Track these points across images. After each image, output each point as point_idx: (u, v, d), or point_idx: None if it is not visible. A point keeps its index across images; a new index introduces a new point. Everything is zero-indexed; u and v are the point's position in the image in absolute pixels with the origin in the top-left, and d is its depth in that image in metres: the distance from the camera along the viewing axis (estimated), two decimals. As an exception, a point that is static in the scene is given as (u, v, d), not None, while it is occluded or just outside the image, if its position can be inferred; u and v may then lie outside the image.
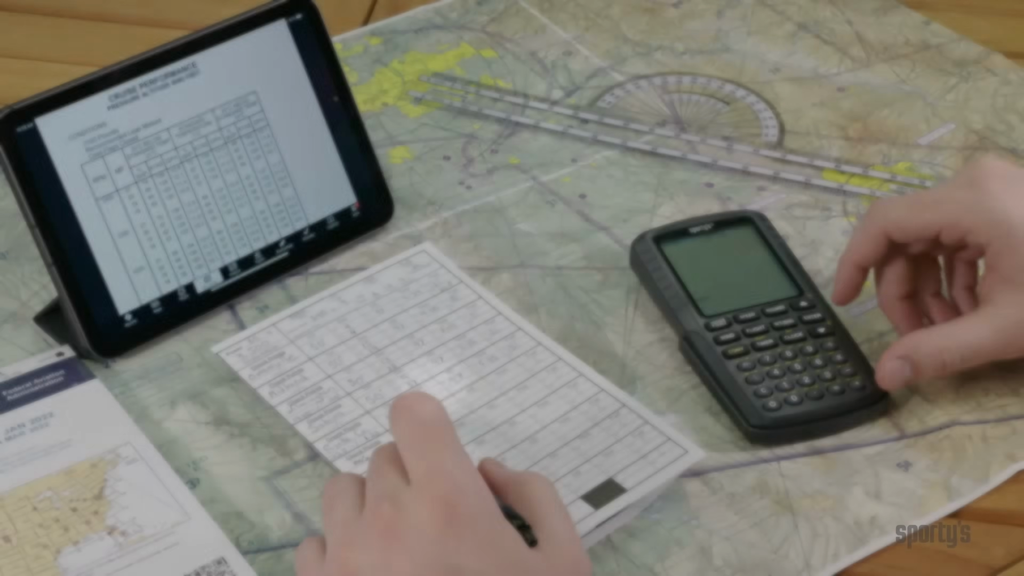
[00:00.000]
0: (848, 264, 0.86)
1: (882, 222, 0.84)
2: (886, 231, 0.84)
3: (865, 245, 0.85)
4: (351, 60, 1.11)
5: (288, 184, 0.93)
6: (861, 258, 0.85)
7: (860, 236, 0.85)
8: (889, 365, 0.82)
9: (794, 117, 1.05)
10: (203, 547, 0.77)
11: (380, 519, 0.67)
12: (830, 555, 0.78)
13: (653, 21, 1.15)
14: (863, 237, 0.85)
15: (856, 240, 0.85)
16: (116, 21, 1.16)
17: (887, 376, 0.83)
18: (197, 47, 0.90)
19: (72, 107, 0.87)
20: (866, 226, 0.85)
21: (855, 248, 0.85)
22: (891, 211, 0.84)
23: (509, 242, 0.96)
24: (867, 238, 0.85)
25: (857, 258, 0.85)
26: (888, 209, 0.84)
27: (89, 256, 0.87)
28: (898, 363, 0.82)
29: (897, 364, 0.82)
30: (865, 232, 0.85)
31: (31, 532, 0.78)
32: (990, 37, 1.12)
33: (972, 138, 1.03)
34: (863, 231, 0.85)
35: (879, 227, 0.84)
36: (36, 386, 0.86)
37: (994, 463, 0.82)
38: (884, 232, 0.84)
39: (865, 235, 0.85)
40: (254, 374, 0.86)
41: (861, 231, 0.85)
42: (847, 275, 0.86)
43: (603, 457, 0.80)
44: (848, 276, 0.86)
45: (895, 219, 0.84)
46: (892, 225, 0.84)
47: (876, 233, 0.84)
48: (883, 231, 0.84)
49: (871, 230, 0.84)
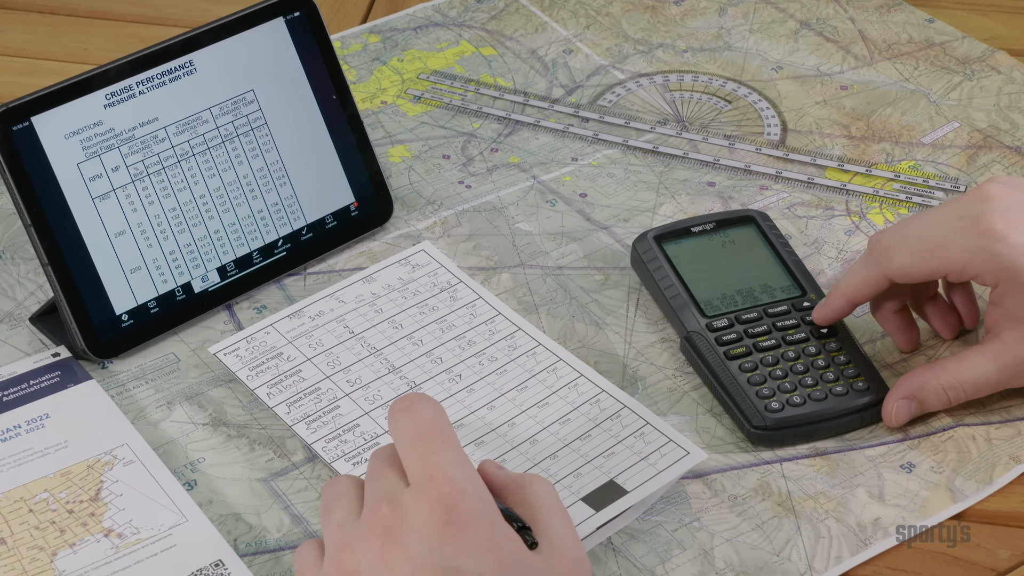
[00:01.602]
0: (843, 297, 0.84)
1: (886, 269, 0.83)
2: (889, 277, 0.83)
3: (866, 287, 0.84)
4: (350, 58, 1.11)
5: (286, 183, 0.93)
6: (859, 297, 0.84)
7: (861, 277, 0.84)
8: (896, 405, 0.82)
9: (796, 116, 1.05)
10: (201, 549, 0.77)
11: (379, 521, 0.67)
12: (833, 557, 0.77)
13: (654, 19, 1.14)
14: (864, 280, 0.84)
15: (856, 280, 0.84)
16: (113, 19, 1.16)
17: (893, 415, 0.82)
18: (194, 45, 0.90)
19: (68, 105, 0.86)
20: (867, 268, 0.83)
21: (854, 287, 0.84)
22: (895, 257, 0.82)
23: (509, 242, 0.96)
24: (868, 282, 0.83)
25: (855, 296, 0.84)
26: (892, 254, 0.82)
27: (85, 256, 0.87)
28: (904, 403, 0.82)
29: (903, 404, 0.82)
30: (867, 275, 0.83)
31: (27, 534, 0.78)
32: (994, 35, 1.12)
33: (976, 137, 1.03)
34: (864, 273, 0.83)
35: (882, 273, 0.83)
36: (32, 387, 0.86)
37: (998, 465, 0.82)
38: (887, 278, 0.83)
39: (867, 278, 0.83)
40: (252, 375, 0.86)
41: (863, 272, 0.84)
42: (839, 307, 0.85)
43: (604, 458, 0.80)
44: (839, 308, 0.85)
45: (900, 267, 0.82)
46: (897, 272, 0.82)
47: (879, 278, 0.83)
48: (886, 277, 0.83)
49: (874, 275, 0.83)
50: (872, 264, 0.83)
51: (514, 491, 0.71)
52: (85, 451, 0.82)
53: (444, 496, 0.66)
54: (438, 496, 0.66)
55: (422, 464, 0.68)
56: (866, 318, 0.90)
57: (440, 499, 0.66)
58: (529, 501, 0.71)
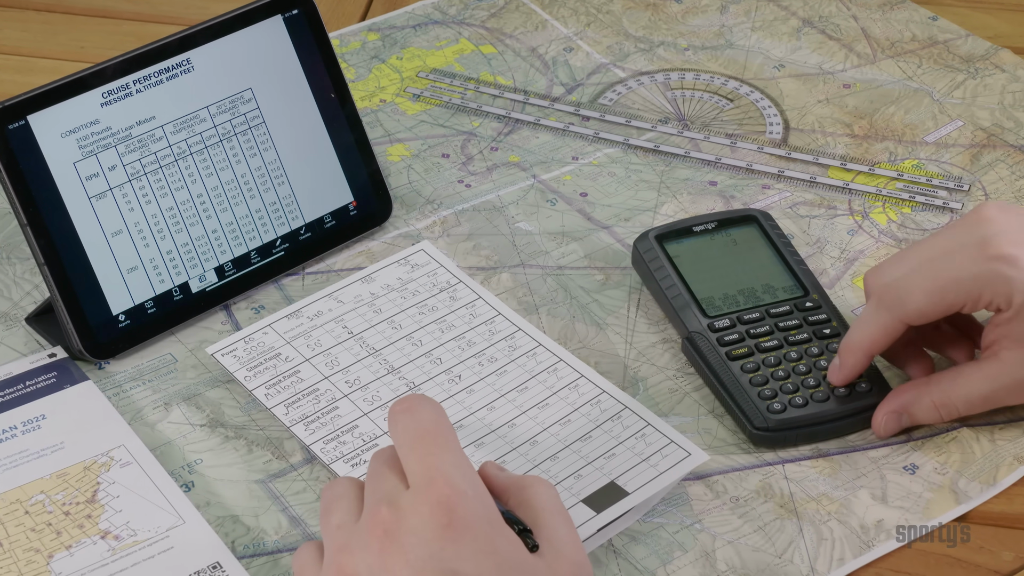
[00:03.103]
0: (859, 352, 0.81)
1: (901, 315, 0.80)
2: (906, 322, 0.80)
3: (883, 337, 0.80)
4: (348, 56, 1.11)
5: (284, 182, 0.93)
6: (876, 349, 0.81)
7: (876, 327, 0.80)
8: (885, 418, 0.82)
9: (799, 114, 1.05)
10: (198, 551, 0.77)
11: (378, 523, 0.66)
12: (835, 559, 0.77)
13: (655, 17, 1.14)
14: (880, 330, 0.80)
15: (872, 331, 0.80)
16: (109, 16, 1.16)
17: (882, 427, 0.82)
18: (192, 43, 0.90)
19: (65, 104, 0.86)
20: (881, 318, 0.80)
21: (870, 338, 0.81)
22: (908, 301, 0.79)
23: (509, 241, 0.96)
24: (885, 331, 0.80)
25: (871, 348, 0.81)
26: (904, 299, 0.79)
27: (82, 255, 0.87)
28: (894, 416, 0.82)
29: (893, 416, 0.82)
30: (881, 324, 0.80)
31: (23, 536, 0.78)
32: (998, 33, 1.12)
33: (980, 135, 1.03)
34: (878, 323, 0.80)
35: (898, 320, 0.80)
36: (28, 388, 0.86)
37: (1002, 466, 0.81)
38: (904, 323, 0.80)
39: (882, 328, 0.80)
40: (250, 375, 0.85)
41: (876, 322, 0.80)
42: (857, 363, 0.81)
43: (604, 460, 0.80)
44: (858, 364, 0.81)
45: (916, 310, 0.79)
46: (913, 316, 0.80)
47: (895, 326, 0.80)
48: (902, 323, 0.80)
49: (888, 323, 0.80)
50: (884, 312, 0.80)
51: (515, 493, 0.71)
52: (82, 452, 0.82)
53: (444, 498, 0.66)
54: (438, 498, 0.66)
55: (422, 466, 0.67)
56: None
57: (440, 501, 0.66)
58: (530, 503, 0.70)
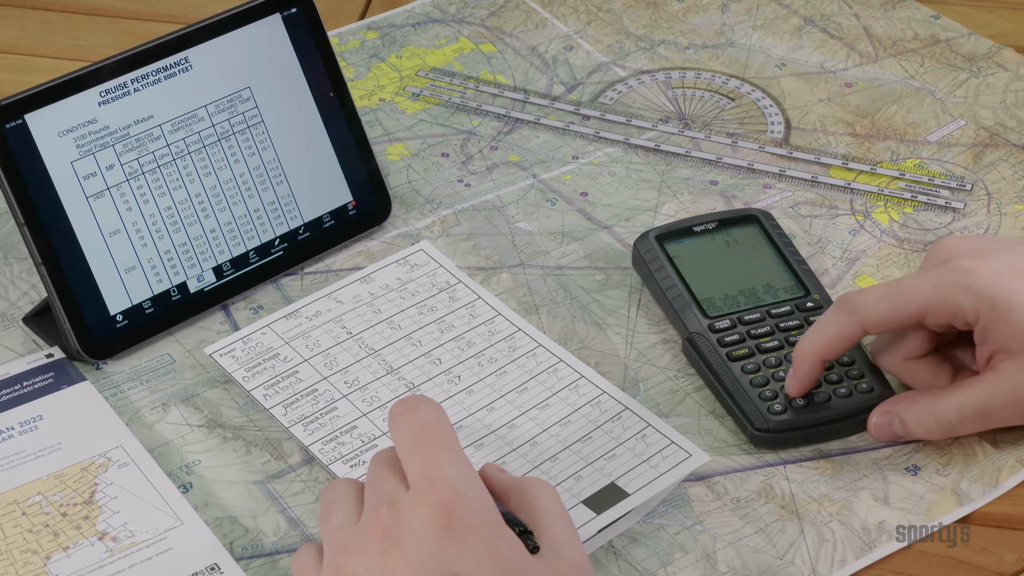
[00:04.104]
0: (813, 359, 0.80)
1: (860, 320, 0.79)
2: (864, 328, 0.80)
3: (839, 341, 0.80)
4: (347, 55, 1.10)
5: (283, 182, 0.92)
6: (830, 355, 0.81)
7: (832, 333, 0.80)
8: (876, 419, 0.81)
9: (800, 113, 1.05)
10: (196, 553, 0.77)
11: (378, 524, 0.66)
12: (837, 561, 0.77)
13: (656, 15, 1.14)
14: (836, 335, 0.80)
15: (826, 336, 0.80)
16: (107, 15, 1.15)
17: (873, 430, 0.81)
18: (190, 42, 0.90)
19: (62, 103, 0.86)
20: (838, 321, 0.80)
21: (825, 344, 0.80)
22: (868, 307, 0.79)
23: (509, 241, 0.95)
24: (841, 337, 0.80)
25: (826, 355, 0.80)
26: (864, 305, 0.79)
27: (79, 255, 0.86)
28: (886, 416, 0.81)
29: (885, 418, 0.81)
30: (839, 330, 0.80)
31: (20, 538, 0.78)
32: (1001, 31, 1.12)
33: (982, 135, 1.03)
34: (835, 327, 0.80)
35: (856, 325, 0.80)
36: (25, 388, 0.86)
37: (1005, 468, 0.81)
38: (862, 329, 0.80)
39: (839, 332, 0.80)
40: (248, 376, 0.85)
41: (833, 327, 0.80)
42: (811, 369, 0.81)
43: (605, 461, 0.79)
44: (812, 371, 0.81)
45: (874, 315, 0.79)
46: (871, 320, 0.80)
47: (852, 331, 0.80)
48: (860, 327, 0.80)
49: (847, 329, 0.80)
50: (843, 316, 0.80)
51: (515, 495, 0.71)
52: (79, 453, 0.82)
53: (444, 500, 0.66)
54: (438, 500, 0.66)
55: (422, 467, 0.67)
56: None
57: (440, 503, 0.66)
58: (531, 505, 0.70)
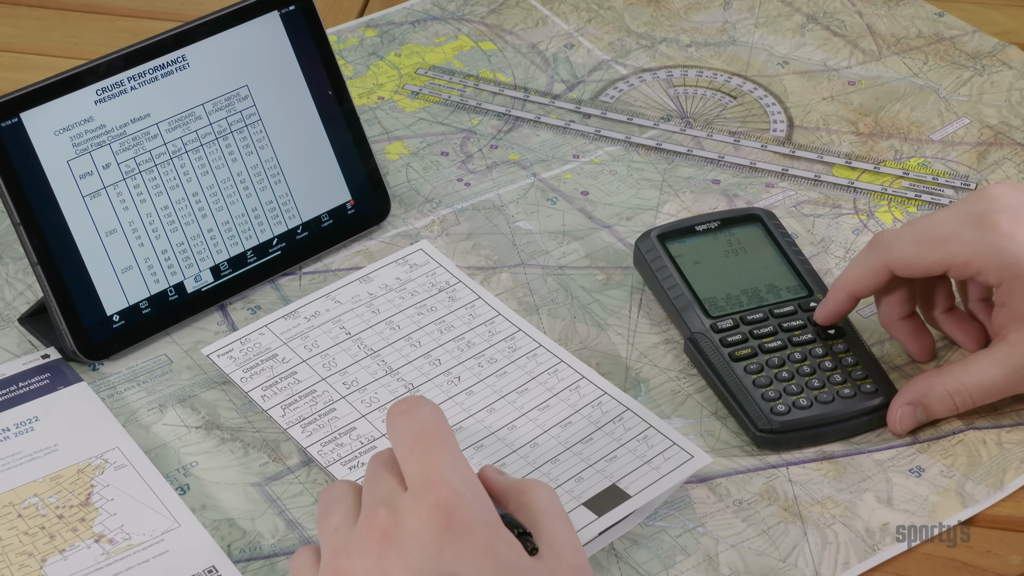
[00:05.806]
0: (843, 291, 0.84)
1: (886, 258, 0.82)
2: (890, 267, 0.83)
3: (866, 278, 0.83)
4: (346, 53, 1.10)
5: (281, 181, 0.92)
6: (859, 289, 0.84)
7: (861, 267, 0.83)
8: (900, 411, 0.82)
9: (803, 112, 1.05)
10: (193, 555, 0.77)
11: (376, 526, 0.66)
12: (840, 563, 0.77)
13: (657, 13, 1.14)
14: (864, 270, 0.83)
15: (856, 271, 0.84)
16: (103, 12, 1.16)
17: (898, 422, 0.82)
18: (187, 40, 0.89)
19: (58, 101, 0.86)
20: (868, 259, 0.83)
21: (853, 278, 0.84)
22: (896, 247, 0.82)
23: (509, 241, 0.95)
24: (868, 272, 0.83)
25: (855, 288, 0.84)
26: (893, 245, 0.82)
27: (76, 255, 0.86)
28: (908, 409, 0.82)
29: (908, 410, 0.82)
30: (867, 265, 0.83)
31: (15, 540, 0.77)
32: (1005, 29, 1.12)
33: (987, 133, 1.02)
34: (864, 263, 0.83)
35: (882, 263, 0.83)
36: (21, 389, 0.85)
37: (1009, 469, 0.81)
38: (888, 268, 0.83)
39: (867, 268, 0.83)
40: (246, 377, 0.85)
41: (863, 263, 0.83)
42: (839, 301, 0.84)
43: (606, 462, 0.79)
44: (840, 302, 0.84)
45: (900, 257, 0.82)
46: (897, 262, 0.82)
47: (879, 268, 0.83)
48: (886, 267, 0.83)
49: (874, 264, 0.83)
50: (873, 255, 0.83)
51: (515, 496, 0.71)
52: (75, 455, 0.82)
53: (442, 501, 0.66)
54: (436, 501, 0.66)
55: (420, 468, 0.67)
56: (874, 319, 0.89)
57: (438, 504, 0.66)
58: (530, 506, 0.70)
